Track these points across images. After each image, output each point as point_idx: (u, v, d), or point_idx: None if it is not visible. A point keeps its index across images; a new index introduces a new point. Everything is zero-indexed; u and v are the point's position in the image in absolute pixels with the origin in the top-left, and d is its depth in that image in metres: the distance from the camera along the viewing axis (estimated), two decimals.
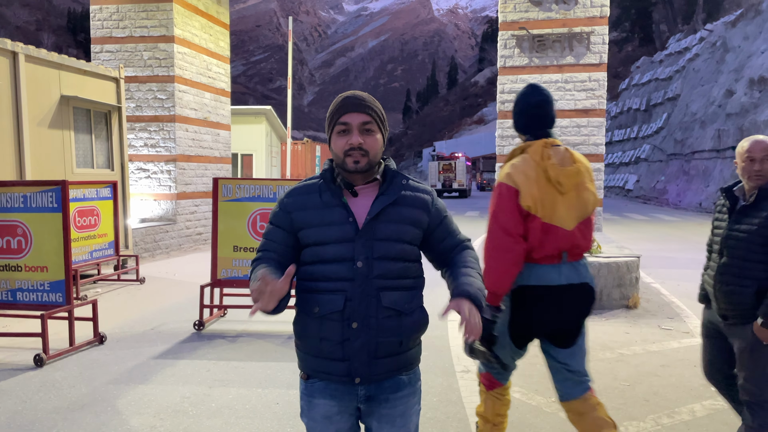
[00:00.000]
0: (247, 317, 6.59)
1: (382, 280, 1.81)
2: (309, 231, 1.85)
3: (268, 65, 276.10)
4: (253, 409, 4.01)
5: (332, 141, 1.90)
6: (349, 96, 1.90)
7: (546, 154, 2.77)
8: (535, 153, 2.79)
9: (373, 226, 1.83)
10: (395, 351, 1.86)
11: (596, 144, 10.46)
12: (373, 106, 1.89)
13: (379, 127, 1.90)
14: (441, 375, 4.64)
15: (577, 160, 2.86)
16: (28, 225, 5.32)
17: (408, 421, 1.94)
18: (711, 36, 35.35)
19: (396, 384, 1.90)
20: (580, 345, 2.88)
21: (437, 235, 1.96)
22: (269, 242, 1.91)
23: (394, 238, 1.84)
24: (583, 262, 2.85)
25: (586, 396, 2.86)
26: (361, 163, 1.84)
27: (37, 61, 8.08)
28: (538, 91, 2.89)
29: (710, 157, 28.57)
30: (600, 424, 2.79)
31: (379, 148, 1.89)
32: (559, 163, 2.79)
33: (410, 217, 1.88)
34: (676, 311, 6.91)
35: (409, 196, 1.91)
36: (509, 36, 10.64)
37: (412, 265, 1.90)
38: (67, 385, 4.45)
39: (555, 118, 2.93)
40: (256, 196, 6.35)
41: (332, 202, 1.86)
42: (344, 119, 1.86)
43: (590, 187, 2.84)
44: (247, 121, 23.42)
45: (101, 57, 12.07)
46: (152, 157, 11.95)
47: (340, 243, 1.81)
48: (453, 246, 1.98)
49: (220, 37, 13.67)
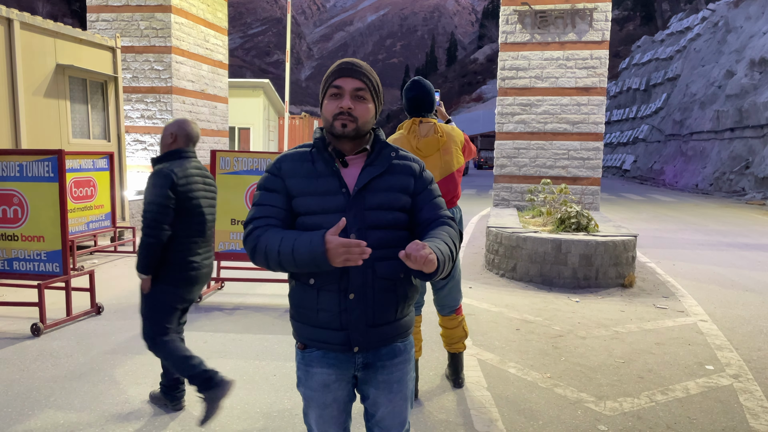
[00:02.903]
0: (245, 290, 6.60)
1: (376, 249, 1.79)
2: (302, 200, 1.83)
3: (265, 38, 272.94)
4: (251, 380, 4.03)
5: (324, 105, 1.87)
6: (346, 61, 1.88)
7: (413, 129, 3.71)
8: (405, 128, 3.74)
9: (363, 196, 1.81)
10: (391, 319, 1.87)
11: (596, 123, 10.41)
12: (368, 74, 1.87)
13: (372, 97, 1.87)
14: (438, 349, 4.66)
15: (441, 132, 3.71)
16: (24, 194, 5.28)
17: (404, 387, 1.96)
18: (713, 16, 35.04)
19: (392, 351, 1.92)
20: (452, 280, 3.87)
21: (418, 202, 1.90)
22: (268, 207, 1.83)
23: (385, 207, 1.83)
24: (453, 210, 3.79)
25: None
26: (348, 127, 1.81)
27: (32, 29, 7.95)
28: (416, 86, 3.76)
29: (708, 138, 28.52)
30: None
31: (369, 118, 1.86)
32: (424, 134, 3.68)
33: (399, 185, 1.87)
34: (671, 290, 6.95)
35: (398, 165, 1.89)
36: (511, 11, 10.51)
37: (404, 233, 1.89)
38: (65, 355, 4.46)
39: (433, 103, 3.80)
40: (254, 170, 6.31)
41: (325, 171, 1.84)
42: (338, 83, 1.83)
43: (453, 151, 3.74)
44: (245, 95, 23.21)
45: (97, 26, 11.89)
46: (149, 128, 11.85)
47: (333, 213, 1.80)
48: (432, 219, 1.89)
49: (218, 7, 13.47)
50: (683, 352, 4.78)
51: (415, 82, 3.80)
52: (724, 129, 26.88)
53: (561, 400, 3.81)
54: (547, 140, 10.58)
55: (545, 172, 10.56)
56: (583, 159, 10.48)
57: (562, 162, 10.55)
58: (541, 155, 10.62)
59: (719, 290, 7.07)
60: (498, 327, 5.40)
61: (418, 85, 3.78)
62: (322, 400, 1.92)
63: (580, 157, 10.48)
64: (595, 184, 10.49)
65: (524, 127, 10.64)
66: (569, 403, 3.75)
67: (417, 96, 3.76)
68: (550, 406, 3.71)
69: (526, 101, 10.59)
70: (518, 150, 10.72)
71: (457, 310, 3.95)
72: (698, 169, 28.12)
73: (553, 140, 10.55)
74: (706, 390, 4.02)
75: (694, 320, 5.74)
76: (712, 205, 19.27)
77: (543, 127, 10.56)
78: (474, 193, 23.20)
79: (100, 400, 3.67)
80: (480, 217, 14.39)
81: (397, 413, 1.97)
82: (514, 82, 10.60)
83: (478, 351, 4.72)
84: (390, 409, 1.95)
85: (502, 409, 3.65)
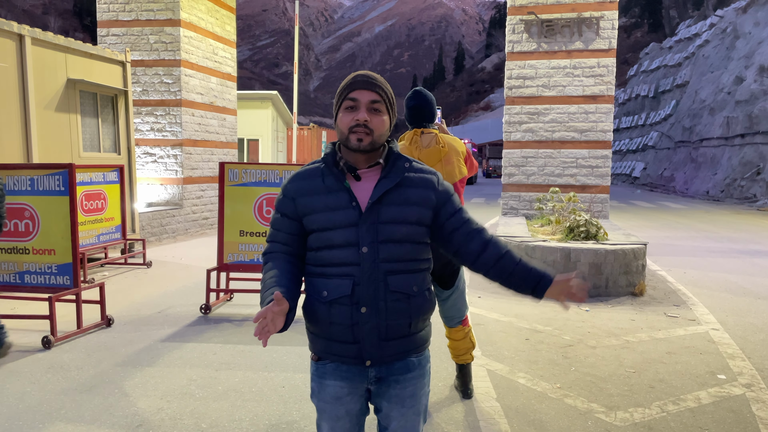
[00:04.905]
0: (254, 302, 6.61)
1: (389, 263, 1.81)
2: (313, 217, 1.84)
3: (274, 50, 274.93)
4: (259, 391, 4.04)
5: (338, 118, 1.87)
6: (360, 74, 1.89)
7: (415, 139, 3.71)
8: (407, 139, 3.76)
9: (376, 209, 1.82)
10: (405, 333, 1.87)
11: (604, 131, 10.39)
12: (383, 86, 1.88)
13: (387, 109, 1.88)
14: (447, 360, 4.65)
15: (442, 142, 3.71)
16: (36, 208, 5.33)
17: (417, 401, 1.95)
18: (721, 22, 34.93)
19: (406, 365, 1.91)
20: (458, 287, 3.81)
21: (444, 213, 1.92)
22: (277, 233, 1.92)
23: (398, 221, 1.83)
24: None
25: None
26: (364, 141, 1.82)
27: (43, 44, 8.06)
28: (417, 96, 3.78)
29: (718, 144, 28.35)
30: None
31: (384, 130, 1.87)
32: (425, 145, 3.69)
33: (415, 198, 1.86)
34: (682, 299, 6.90)
35: (413, 177, 1.89)
36: (517, 21, 10.54)
37: (418, 247, 1.89)
38: (75, 367, 4.48)
39: (434, 114, 3.80)
40: (263, 181, 6.34)
41: (335, 187, 1.85)
42: (353, 95, 1.84)
43: (455, 162, 3.73)
44: (253, 106, 23.35)
45: (107, 40, 12.03)
46: (159, 141, 11.94)
47: (344, 228, 1.81)
48: (470, 231, 1.93)
49: (227, 21, 13.59)
50: (695, 362, 4.73)
51: (416, 92, 3.83)
52: (735, 135, 26.71)
53: (571, 410, 3.78)
54: (555, 149, 10.56)
55: (554, 181, 10.54)
56: (592, 167, 10.45)
57: (570, 170, 10.52)
58: (549, 164, 10.60)
59: (731, 298, 7.01)
60: (507, 337, 5.38)
61: (419, 95, 3.80)
62: (334, 412, 1.91)
63: (589, 165, 10.45)
64: (604, 192, 10.45)
65: (532, 136, 10.64)
66: (579, 414, 3.73)
67: (417, 105, 3.77)
68: (560, 416, 3.69)
69: (533, 110, 10.59)
70: (526, 159, 10.70)
71: (463, 321, 3.92)
72: (709, 175, 27.93)
73: (561, 148, 10.53)
74: (718, 400, 3.97)
75: (706, 329, 5.69)
76: (723, 212, 19.13)
77: (551, 136, 10.55)
78: (483, 201, 23.16)
79: (110, 413, 3.68)
80: (489, 226, 14.37)
81: (409, 428, 1.96)
82: (522, 91, 10.61)
83: (488, 361, 4.70)
84: (402, 423, 1.94)
85: (512, 420, 3.63)
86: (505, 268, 1.91)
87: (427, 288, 1.91)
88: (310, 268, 1.89)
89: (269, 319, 1.60)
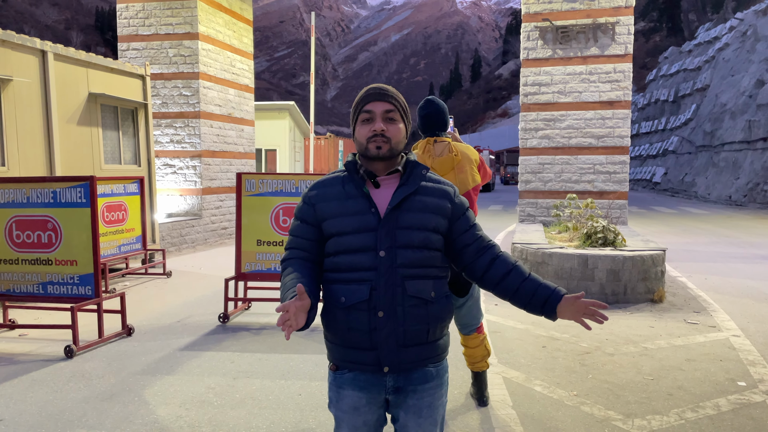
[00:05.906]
0: (271, 310, 6.67)
1: (406, 268, 1.84)
2: (331, 221, 1.89)
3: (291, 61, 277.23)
4: (276, 399, 4.08)
5: (356, 130, 1.96)
6: (373, 86, 1.97)
7: (428, 148, 3.74)
8: (420, 148, 3.79)
9: (395, 215, 1.86)
10: (423, 340, 1.89)
11: (621, 136, 10.32)
12: (396, 96, 1.96)
13: (401, 117, 1.96)
14: (462, 367, 4.64)
15: (455, 151, 3.72)
16: (58, 219, 5.45)
17: (434, 412, 1.96)
18: (741, 25, 34.50)
19: (424, 375, 1.92)
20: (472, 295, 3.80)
21: (458, 228, 1.97)
22: (296, 239, 1.97)
23: (416, 227, 1.87)
24: None
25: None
26: (383, 149, 1.89)
27: (65, 60, 8.25)
28: (429, 104, 3.78)
29: (740, 148, 27.94)
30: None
31: (401, 137, 1.94)
32: (438, 154, 3.71)
33: (433, 206, 1.91)
34: (702, 305, 6.82)
35: (430, 187, 1.95)
36: (532, 28, 10.54)
37: (436, 254, 1.92)
38: (96, 376, 4.56)
39: (446, 122, 3.81)
40: (279, 191, 6.41)
41: (354, 193, 1.91)
42: (368, 107, 1.92)
43: (468, 170, 3.74)
44: (271, 117, 23.56)
45: (128, 54, 12.27)
46: (178, 152, 12.12)
47: (363, 233, 1.85)
48: (480, 248, 1.99)
49: (244, 33, 13.78)
50: (714, 368, 4.68)
51: (428, 101, 3.85)
52: (757, 139, 26.31)
53: (588, 418, 3.76)
54: (572, 155, 10.52)
55: (571, 187, 10.48)
56: (609, 173, 10.38)
57: (587, 176, 10.46)
58: (566, 170, 10.55)
59: (753, 304, 6.91)
60: (524, 344, 5.36)
61: (431, 104, 3.82)
62: (352, 422, 1.93)
63: (606, 171, 10.39)
64: (622, 197, 10.37)
65: (548, 142, 10.60)
66: (596, 422, 3.71)
67: (430, 114, 3.78)
68: (577, 424, 3.67)
69: (549, 116, 10.57)
70: (543, 165, 10.67)
71: (478, 328, 3.92)
72: (731, 180, 27.53)
73: (578, 155, 10.48)
74: (738, 407, 3.92)
75: (727, 335, 5.61)
76: (745, 217, 18.84)
77: (567, 142, 10.51)
78: (500, 209, 23.07)
79: (130, 421, 3.75)
80: (506, 233, 14.31)
81: None
82: (537, 98, 10.59)
83: (504, 369, 4.69)
84: None
85: (527, 428, 3.62)
86: (511, 284, 1.94)
87: (444, 295, 1.93)
88: (328, 275, 1.92)
89: (292, 312, 1.64)
